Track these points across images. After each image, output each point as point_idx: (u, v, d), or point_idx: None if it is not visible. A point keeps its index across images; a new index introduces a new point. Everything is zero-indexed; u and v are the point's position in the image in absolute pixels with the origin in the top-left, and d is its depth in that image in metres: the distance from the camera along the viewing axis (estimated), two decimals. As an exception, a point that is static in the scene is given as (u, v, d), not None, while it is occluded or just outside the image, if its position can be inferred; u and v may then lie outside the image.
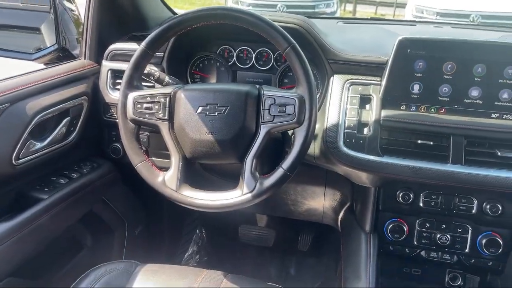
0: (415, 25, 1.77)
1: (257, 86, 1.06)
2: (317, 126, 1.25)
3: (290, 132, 1.18)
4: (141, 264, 1.14)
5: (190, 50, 1.43)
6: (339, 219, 1.46)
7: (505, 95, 1.10)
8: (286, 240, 1.97)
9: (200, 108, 1.01)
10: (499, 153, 1.09)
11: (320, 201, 1.51)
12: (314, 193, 1.49)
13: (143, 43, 1.04)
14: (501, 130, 1.09)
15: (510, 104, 1.10)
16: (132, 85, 1.06)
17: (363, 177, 1.23)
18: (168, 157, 1.06)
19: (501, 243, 1.19)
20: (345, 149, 1.16)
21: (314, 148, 1.25)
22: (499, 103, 1.11)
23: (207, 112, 1.01)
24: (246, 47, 1.39)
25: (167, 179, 1.03)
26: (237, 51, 1.40)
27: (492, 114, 1.11)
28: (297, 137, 1.00)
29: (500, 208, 1.17)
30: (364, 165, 1.15)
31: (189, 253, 2.00)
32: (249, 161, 1.01)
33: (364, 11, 10.69)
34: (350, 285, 1.19)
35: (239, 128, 1.00)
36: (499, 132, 1.09)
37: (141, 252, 1.73)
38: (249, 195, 1.00)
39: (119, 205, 1.61)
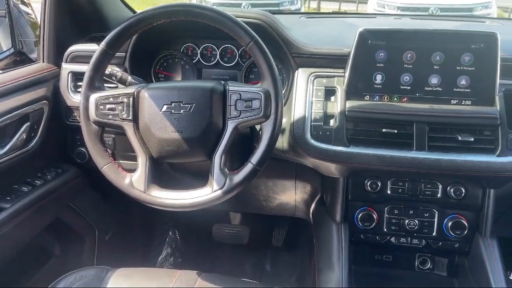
0: (376, 18, 1.81)
1: (222, 82, 1.06)
2: (284, 120, 1.26)
3: (258, 127, 1.19)
4: (113, 269, 1.12)
5: (153, 49, 1.41)
6: (311, 211, 1.48)
7: (463, 82, 1.14)
8: (260, 237, 1.98)
9: (165, 107, 1.00)
10: (459, 138, 1.12)
11: (291, 195, 1.52)
12: (285, 187, 1.50)
13: (103, 43, 1.02)
14: (460, 115, 1.13)
15: (467, 90, 1.14)
16: (94, 86, 1.03)
17: (331, 168, 1.24)
18: (135, 159, 1.04)
19: (466, 225, 1.23)
20: (312, 141, 1.17)
21: (283, 142, 1.26)
22: (457, 89, 1.14)
23: (172, 110, 1.00)
24: (210, 44, 1.39)
25: (134, 180, 1.01)
26: (201, 48, 1.39)
27: (452, 100, 1.15)
28: (265, 131, 1.00)
29: (464, 191, 1.21)
30: (331, 156, 1.17)
31: (163, 256, 1.97)
32: (217, 157, 1.00)
33: (328, 7, 10.82)
34: (323, 275, 1.21)
35: (206, 125, 1.00)
36: (458, 117, 1.13)
37: (114, 257, 1.69)
38: (219, 191, 0.99)
39: (87, 210, 1.57)
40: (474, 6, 5.95)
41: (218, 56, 1.38)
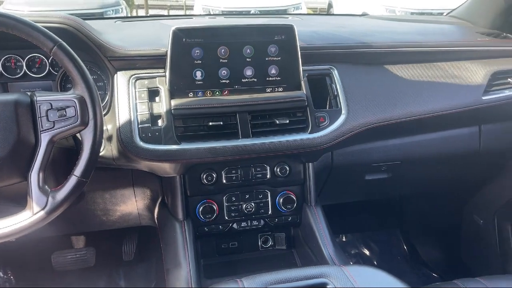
0: (192, 18, 1.87)
1: (29, 92, 0.96)
2: (110, 126, 1.21)
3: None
4: None
5: None
6: (155, 216, 1.45)
7: (273, 71, 1.25)
8: (108, 254, 1.87)
9: None
10: (277, 122, 1.24)
11: (132, 204, 1.47)
12: (124, 196, 1.45)
13: None
14: (275, 101, 1.24)
15: (278, 78, 1.26)
16: None
17: (166, 168, 1.24)
18: None
19: (295, 198, 1.36)
20: (142, 144, 1.16)
21: (112, 149, 1.21)
22: (270, 78, 1.25)
23: None
24: (13, 55, 1.24)
25: None
26: (2, 60, 1.24)
27: (267, 89, 1.25)
28: (85, 139, 0.94)
29: (288, 169, 1.33)
30: (164, 155, 1.16)
31: (-5, 302, 1.71)
32: (34, 176, 0.91)
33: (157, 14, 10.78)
34: (171, 275, 1.20)
35: (14, 142, 0.90)
36: (274, 103, 1.24)
37: None
38: (42, 212, 0.91)
39: None
40: (287, 8, 6.63)
41: (24, 67, 1.25)
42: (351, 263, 1.98)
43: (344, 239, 2.19)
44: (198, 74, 1.21)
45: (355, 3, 7.35)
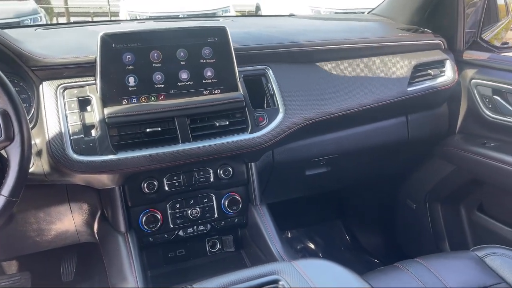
0: (120, 23, 1.81)
1: None
2: (38, 140, 1.14)
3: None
4: None
5: None
6: (95, 231, 1.38)
7: (209, 73, 1.24)
8: (46, 277, 1.75)
9: None
10: (217, 124, 1.23)
11: (69, 221, 1.39)
12: (60, 213, 1.36)
13: None
14: (213, 103, 1.23)
15: (214, 80, 1.25)
16: None
17: (104, 180, 1.19)
18: None
19: (240, 199, 1.36)
20: (75, 156, 1.10)
21: (42, 164, 1.14)
22: (206, 81, 1.24)
23: None
24: None
25: None
26: None
27: (204, 92, 1.24)
28: (12, 156, 0.88)
29: (231, 170, 1.33)
30: (100, 167, 1.11)
31: None
32: None
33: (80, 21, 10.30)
34: (118, 291, 1.15)
35: None
36: (212, 105, 1.23)
37: None
38: None
39: None
40: (216, 11, 6.65)
41: None
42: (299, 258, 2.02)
43: (289, 235, 2.23)
44: (131, 80, 1.17)
45: (281, 5, 7.53)
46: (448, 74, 1.61)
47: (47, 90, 1.14)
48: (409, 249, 2.02)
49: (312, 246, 2.22)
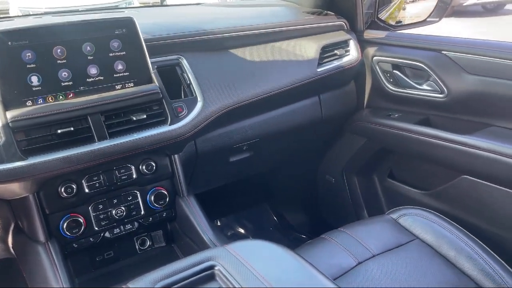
0: (14, 20, 1.66)
1: None
2: None
3: None
4: None
5: None
6: (10, 245, 1.28)
7: (120, 66, 1.19)
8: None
9: None
10: (134, 118, 1.19)
11: (-22, 238, 1.26)
12: (-34, 232, 1.24)
13: None
14: (127, 98, 1.18)
15: (126, 74, 1.20)
16: None
17: (15, 189, 1.10)
18: None
19: (166, 193, 1.34)
20: None
21: None
22: (117, 75, 1.19)
23: None
24: None
25: None
26: None
27: (116, 86, 1.19)
28: None
29: (154, 164, 1.30)
30: (9, 175, 1.03)
31: None
32: None
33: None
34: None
35: None
36: (126, 100, 1.18)
37: None
38: None
39: None
40: (118, 3, 6.34)
41: None
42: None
43: (219, 224, 2.25)
44: (34, 80, 1.08)
45: (187, -6, 7.41)
46: (352, 53, 1.72)
47: None
48: (332, 221, 2.14)
49: (242, 231, 2.26)
